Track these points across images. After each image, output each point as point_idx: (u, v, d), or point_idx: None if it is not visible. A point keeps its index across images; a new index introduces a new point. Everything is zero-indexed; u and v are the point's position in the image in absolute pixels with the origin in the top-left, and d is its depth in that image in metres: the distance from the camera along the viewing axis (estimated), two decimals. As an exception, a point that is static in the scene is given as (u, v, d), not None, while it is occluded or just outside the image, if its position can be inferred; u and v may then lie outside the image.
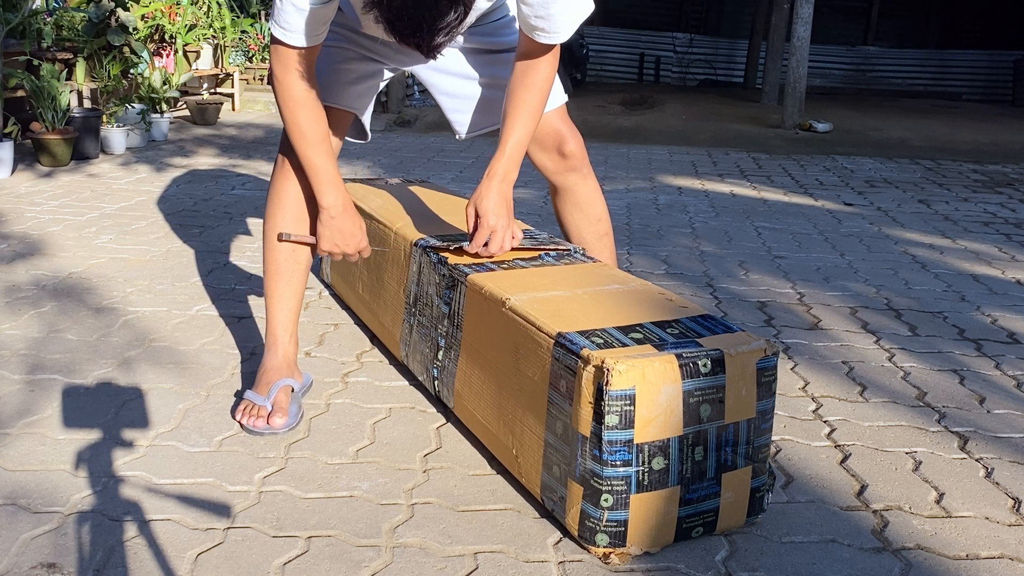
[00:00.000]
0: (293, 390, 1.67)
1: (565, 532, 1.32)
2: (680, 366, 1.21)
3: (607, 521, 1.23)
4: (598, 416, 1.20)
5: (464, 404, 1.57)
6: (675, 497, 1.25)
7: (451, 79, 1.81)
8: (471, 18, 1.64)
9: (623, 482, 1.21)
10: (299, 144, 1.55)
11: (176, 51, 5.64)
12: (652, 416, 1.20)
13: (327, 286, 2.44)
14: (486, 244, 1.62)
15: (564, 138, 1.79)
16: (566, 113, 1.81)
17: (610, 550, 1.24)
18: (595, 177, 1.88)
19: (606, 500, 1.22)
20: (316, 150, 1.55)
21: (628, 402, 1.19)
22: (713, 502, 1.28)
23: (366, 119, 1.80)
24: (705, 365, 1.23)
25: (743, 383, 1.26)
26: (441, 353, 1.64)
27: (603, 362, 1.19)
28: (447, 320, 1.62)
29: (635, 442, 1.20)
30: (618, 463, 1.20)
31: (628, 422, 1.19)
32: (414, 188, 2.29)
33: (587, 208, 1.87)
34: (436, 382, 1.67)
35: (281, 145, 1.68)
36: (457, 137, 1.87)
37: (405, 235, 1.83)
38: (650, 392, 1.19)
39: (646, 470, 1.22)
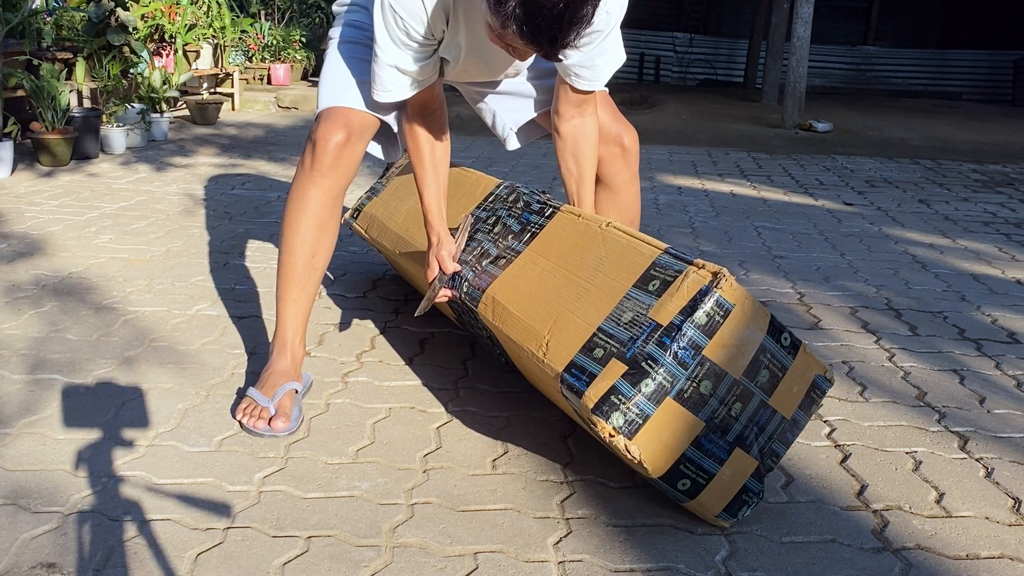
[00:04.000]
0: (296, 392, 1.67)
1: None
2: (771, 322, 1.27)
3: (635, 406, 1.22)
4: (690, 310, 1.23)
5: (496, 301, 1.54)
6: (694, 431, 1.25)
7: (493, 88, 1.87)
8: None
9: (671, 378, 1.22)
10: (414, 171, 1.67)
11: (176, 51, 5.64)
12: (729, 342, 1.24)
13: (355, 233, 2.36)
14: None
15: (621, 133, 1.84)
16: (616, 108, 1.85)
17: (616, 433, 1.22)
18: (639, 181, 1.92)
19: (647, 385, 1.21)
20: (420, 182, 1.65)
21: (722, 314, 1.23)
22: (714, 466, 1.27)
23: (396, 128, 1.78)
24: (786, 339, 1.29)
25: (799, 381, 1.31)
26: (486, 262, 1.63)
27: (719, 272, 1.24)
28: (512, 236, 1.64)
29: (703, 353, 1.22)
30: (679, 358, 1.22)
31: (711, 330, 1.23)
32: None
33: (626, 211, 1.92)
34: (465, 283, 1.63)
35: (305, 148, 1.69)
36: (508, 146, 1.90)
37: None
38: (741, 320, 1.24)
39: (694, 385, 1.23)
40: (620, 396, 1.23)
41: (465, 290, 1.62)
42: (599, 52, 1.55)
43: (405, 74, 1.52)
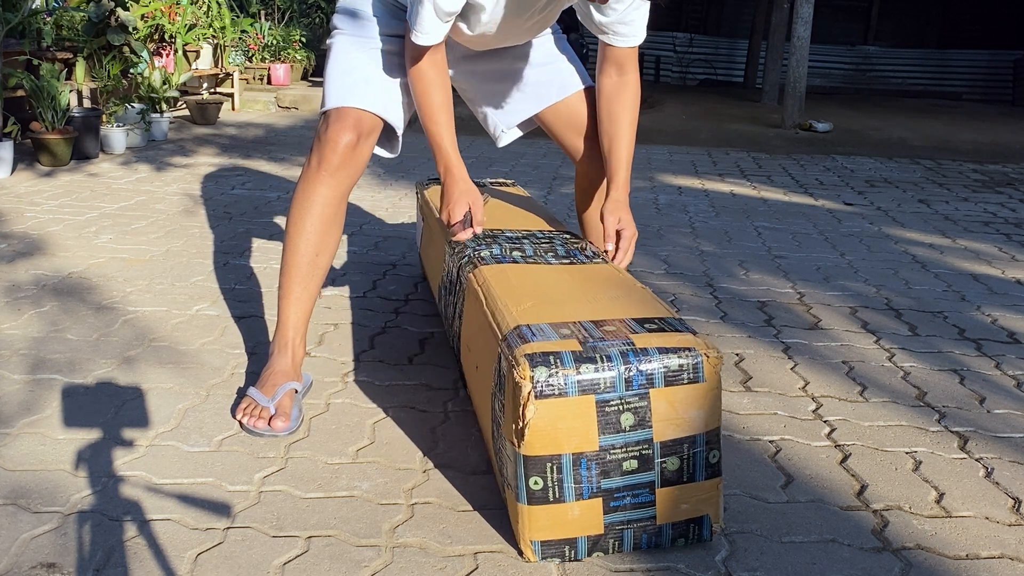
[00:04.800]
0: (296, 391, 1.67)
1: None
2: (716, 432, 1.25)
3: (563, 377, 1.17)
4: (667, 351, 1.22)
5: (504, 272, 1.54)
6: (585, 446, 1.19)
7: (490, 84, 1.90)
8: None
9: (608, 384, 1.18)
10: (420, 116, 1.69)
11: (176, 51, 5.64)
12: (675, 404, 1.21)
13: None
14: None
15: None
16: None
17: (529, 381, 1.16)
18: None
19: (586, 370, 1.18)
20: (431, 120, 1.67)
21: (691, 376, 1.22)
22: (571, 493, 1.22)
23: (400, 130, 1.79)
24: (714, 456, 1.26)
25: (691, 502, 1.27)
26: (517, 254, 1.67)
27: (716, 349, 1.24)
28: (553, 255, 1.68)
29: (650, 392, 1.21)
30: (629, 376, 1.19)
31: (671, 380, 1.21)
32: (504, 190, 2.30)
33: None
34: (488, 252, 1.66)
35: (312, 146, 1.68)
36: (499, 143, 1.95)
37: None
38: (699, 400, 1.22)
39: (619, 408, 1.19)
40: (558, 360, 1.18)
41: (482, 255, 1.61)
42: (636, 5, 1.63)
43: (442, 18, 1.56)
